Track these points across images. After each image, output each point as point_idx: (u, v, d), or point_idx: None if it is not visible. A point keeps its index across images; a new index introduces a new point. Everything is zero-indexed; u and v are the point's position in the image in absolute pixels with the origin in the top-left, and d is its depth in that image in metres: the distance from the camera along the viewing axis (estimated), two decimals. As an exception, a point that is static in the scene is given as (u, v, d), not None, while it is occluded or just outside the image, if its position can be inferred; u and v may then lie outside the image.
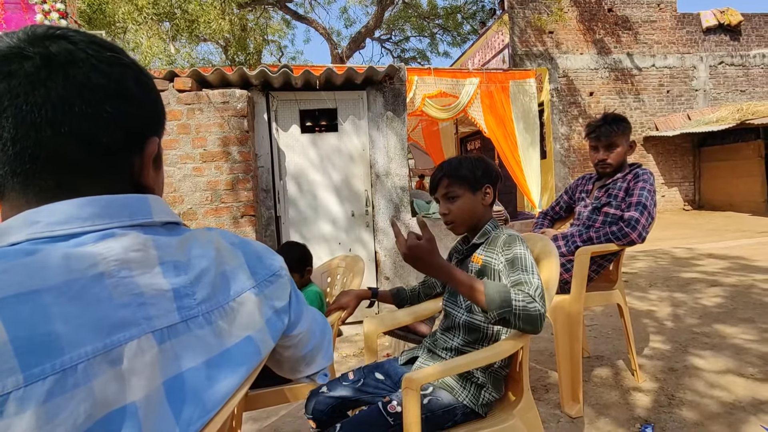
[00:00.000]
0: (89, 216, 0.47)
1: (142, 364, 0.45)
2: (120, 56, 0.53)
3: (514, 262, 1.13)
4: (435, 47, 15.27)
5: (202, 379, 0.52)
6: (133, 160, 0.55)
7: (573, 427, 1.88)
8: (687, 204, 11.03)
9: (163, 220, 0.54)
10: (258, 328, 0.60)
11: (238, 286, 0.59)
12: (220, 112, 3.14)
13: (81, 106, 0.48)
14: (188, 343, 0.51)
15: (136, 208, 0.51)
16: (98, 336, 0.42)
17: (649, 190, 2.04)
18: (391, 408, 1.11)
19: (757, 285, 3.79)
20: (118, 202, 0.50)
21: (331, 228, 3.55)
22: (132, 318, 0.46)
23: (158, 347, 0.47)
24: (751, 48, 11.17)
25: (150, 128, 0.57)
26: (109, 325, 0.43)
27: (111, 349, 0.43)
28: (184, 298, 0.52)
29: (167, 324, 0.49)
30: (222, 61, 11.59)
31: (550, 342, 2.76)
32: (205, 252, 0.57)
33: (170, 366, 0.49)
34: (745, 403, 1.97)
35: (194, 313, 0.52)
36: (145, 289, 0.48)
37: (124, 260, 0.47)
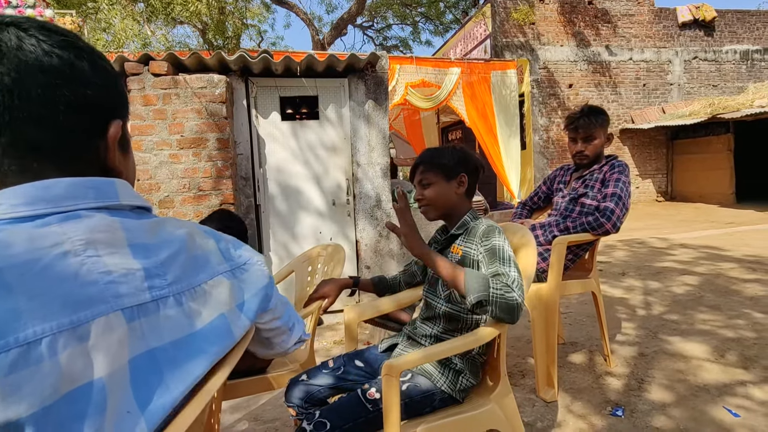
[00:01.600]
0: (53, 197, 0.48)
1: (110, 341, 0.46)
2: (72, 40, 0.53)
3: (493, 254, 1.15)
4: (417, 36, 15.20)
5: (168, 359, 0.52)
6: (97, 144, 0.55)
7: (548, 411, 1.93)
8: (660, 195, 11.35)
9: (132, 204, 0.55)
10: (229, 309, 0.61)
11: (210, 270, 0.60)
12: (198, 98, 3.06)
13: (36, 90, 0.48)
14: (157, 323, 0.51)
15: (103, 191, 0.52)
16: (64, 312, 0.42)
17: (624, 182, 2.09)
18: (370, 395, 1.13)
19: (724, 273, 3.95)
20: (84, 184, 0.51)
21: (312, 217, 3.53)
22: (100, 295, 0.46)
23: (127, 325, 0.48)
24: (724, 44, 11.47)
25: (111, 111, 0.57)
26: (75, 301, 0.44)
27: (78, 325, 0.43)
28: (155, 278, 0.52)
29: (137, 302, 0.49)
30: (199, 44, 11.28)
31: (526, 329, 2.83)
32: (177, 236, 0.57)
33: (138, 344, 0.49)
34: (710, 386, 2.06)
35: (165, 294, 0.53)
36: (113, 267, 0.48)
37: (89, 240, 0.47)
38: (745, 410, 1.84)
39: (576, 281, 2.21)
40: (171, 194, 3.07)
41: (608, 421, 1.83)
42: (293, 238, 3.52)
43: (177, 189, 3.08)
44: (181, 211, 3.09)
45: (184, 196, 3.09)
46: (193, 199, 3.10)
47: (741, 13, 11.59)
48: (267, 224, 3.46)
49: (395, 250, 3.63)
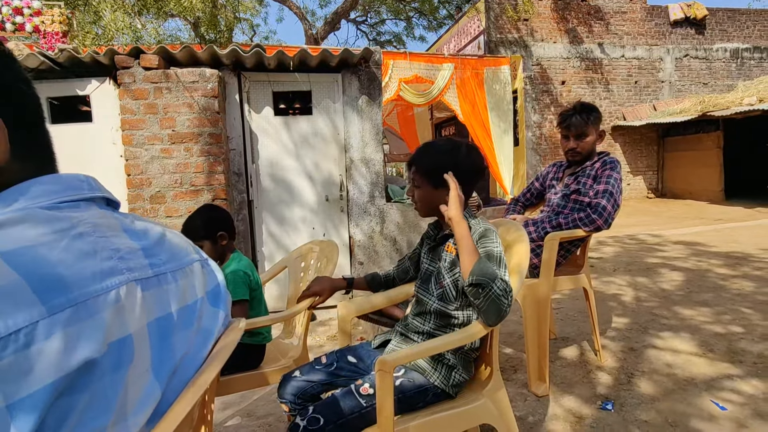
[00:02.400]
0: (59, 190, 0.53)
1: (133, 304, 0.51)
2: None
3: (489, 259, 1.16)
4: (411, 31, 15.12)
5: (171, 327, 0.58)
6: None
7: (539, 406, 1.95)
8: (650, 192, 11.46)
9: (107, 197, 0.60)
10: (202, 296, 0.66)
11: (189, 256, 0.66)
12: (190, 92, 3.03)
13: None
14: (161, 296, 0.57)
15: (93, 185, 0.58)
16: (95, 280, 0.47)
17: (616, 179, 2.11)
18: (363, 390, 1.13)
19: (713, 269, 4.00)
20: (77, 177, 0.57)
21: (305, 212, 3.52)
22: (117, 268, 0.51)
23: (143, 293, 0.53)
24: (715, 42, 11.56)
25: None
26: (100, 272, 0.49)
27: (109, 290, 0.48)
28: (152, 257, 0.57)
29: (144, 276, 0.54)
30: (191, 38, 11.15)
31: (519, 324, 2.85)
32: (155, 225, 0.64)
33: (149, 312, 0.54)
34: (698, 380, 2.09)
35: (163, 270, 0.58)
36: (120, 246, 0.53)
37: (96, 224, 0.53)
38: (732, 403, 1.87)
39: (568, 277, 2.23)
40: (162, 189, 3.05)
41: (598, 415, 1.85)
42: (286, 234, 3.51)
43: (169, 184, 3.05)
44: (173, 206, 3.06)
45: (176, 192, 3.07)
46: (185, 194, 3.08)
47: (732, 12, 11.69)
48: (260, 220, 3.45)
49: (388, 246, 3.64)
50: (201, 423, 1.07)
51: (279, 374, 1.60)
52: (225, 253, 1.79)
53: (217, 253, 1.77)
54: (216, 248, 1.75)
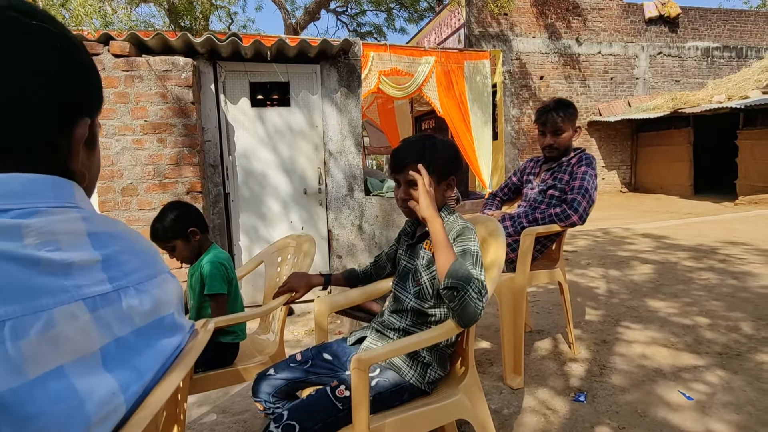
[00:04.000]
0: (9, 194, 0.45)
1: (74, 329, 0.45)
2: (46, 25, 0.48)
3: (465, 257, 1.16)
4: (392, 23, 15.00)
5: (132, 347, 0.52)
6: (58, 143, 0.51)
7: (514, 398, 1.99)
8: (624, 186, 11.75)
9: (85, 208, 0.53)
10: (176, 308, 0.62)
11: (160, 265, 0.61)
12: (162, 81, 2.94)
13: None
14: (120, 313, 0.51)
15: (62, 191, 0.50)
16: (25, 299, 0.42)
17: (591, 175, 2.14)
18: (339, 393, 1.12)
19: (681, 263, 4.13)
20: (43, 182, 0.48)
21: (283, 206, 3.48)
22: (60, 285, 0.45)
23: (90, 314, 0.47)
24: (687, 40, 11.87)
25: (80, 108, 0.52)
26: (35, 289, 0.43)
27: (40, 311, 0.42)
28: (114, 268, 0.51)
29: (99, 293, 0.49)
30: (165, 25, 10.80)
31: (495, 318, 2.89)
32: (127, 229, 0.58)
33: (105, 333, 0.49)
34: (666, 370, 2.16)
35: (124, 284, 0.52)
36: (75, 258, 0.47)
37: (50, 232, 0.46)
38: (698, 393, 1.94)
39: (543, 271, 2.26)
40: (134, 181, 2.96)
41: (571, 407, 1.90)
42: (263, 228, 3.46)
43: (141, 176, 2.96)
44: (146, 198, 2.98)
45: (149, 184, 2.98)
46: (158, 186, 2.99)
47: (704, 11, 12.02)
48: (236, 213, 3.38)
49: (367, 239, 3.63)
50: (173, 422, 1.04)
51: (255, 371, 1.59)
52: (201, 249, 1.75)
53: (193, 251, 1.72)
54: (190, 245, 1.70)
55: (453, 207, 1.37)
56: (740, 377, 2.05)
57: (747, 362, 2.18)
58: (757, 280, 3.48)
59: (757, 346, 2.34)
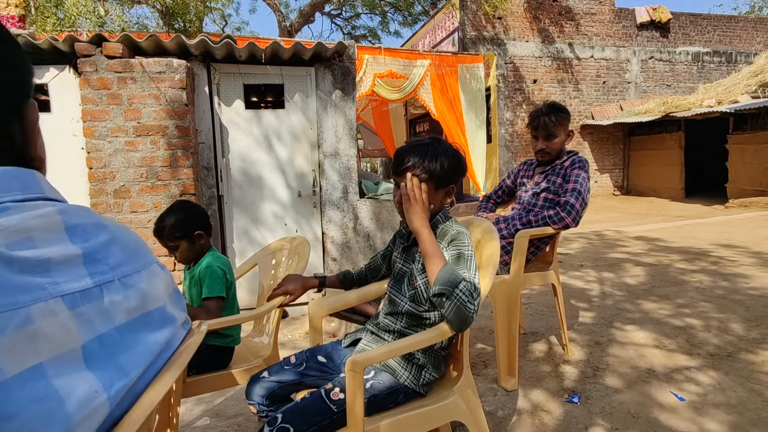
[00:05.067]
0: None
1: (53, 326, 0.44)
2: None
3: (459, 261, 1.16)
4: (386, 26, 15.06)
5: (116, 343, 0.51)
6: (13, 129, 0.50)
7: (509, 400, 1.99)
8: (616, 189, 11.84)
9: (53, 197, 0.52)
10: (166, 300, 0.61)
11: (149, 257, 0.59)
12: (156, 83, 2.92)
13: None
14: (103, 308, 0.50)
15: (28, 182, 0.49)
16: (1, 296, 0.41)
17: (584, 177, 2.16)
18: (334, 395, 1.11)
19: (674, 264, 4.17)
20: (8, 174, 0.47)
21: (277, 208, 3.47)
22: (37, 283, 0.44)
23: (70, 311, 0.46)
24: (678, 45, 12.01)
25: (24, 92, 0.52)
26: (10, 286, 0.42)
27: (16, 308, 0.41)
28: (96, 262, 0.50)
29: (79, 288, 0.47)
30: (159, 26, 10.76)
31: (489, 320, 2.89)
32: (109, 221, 0.56)
33: (86, 329, 0.48)
34: (659, 371, 2.17)
35: (108, 278, 0.51)
36: (52, 254, 0.46)
37: (24, 229, 0.45)
38: (690, 393, 1.96)
39: (537, 273, 2.27)
40: (127, 183, 2.94)
41: (565, 408, 1.90)
42: (257, 230, 3.45)
43: (134, 178, 2.94)
44: (138, 200, 2.96)
45: (142, 186, 2.96)
46: (151, 188, 2.97)
47: (694, 16, 12.17)
48: (230, 215, 3.37)
49: (361, 241, 3.63)
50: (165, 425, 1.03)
51: (249, 374, 1.58)
52: (202, 252, 1.74)
53: (195, 253, 1.71)
54: (194, 247, 1.70)
55: (448, 210, 1.37)
56: (731, 378, 2.07)
57: (738, 363, 2.20)
58: (748, 281, 3.51)
59: (748, 347, 2.36)
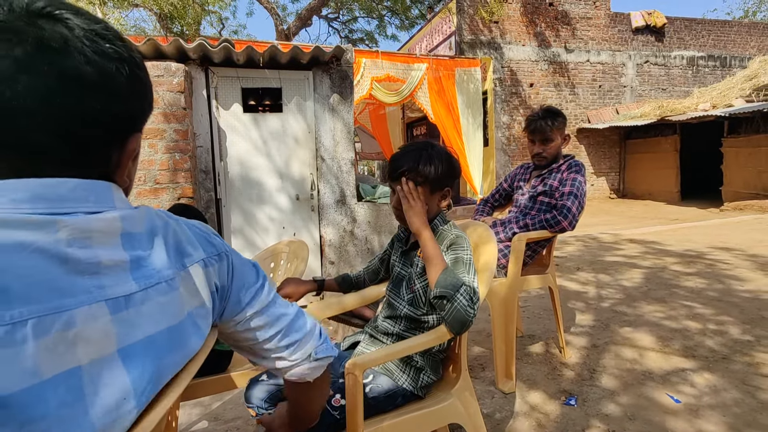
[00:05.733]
0: (56, 197, 0.47)
1: (94, 330, 0.45)
2: (119, 50, 0.50)
3: (457, 265, 1.17)
4: (383, 30, 15.13)
5: (160, 348, 0.52)
6: (111, 154, 0.53)
7: (506, 403, 2.00)
8: (612, 193, 11.90)
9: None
10: (205, 300, 0.61)
11: (191, 257, 0.60)
12: (154, 87, 2.90)
13: (65, 99, 0.46)
14: (147, 312, 0.51)
15: (101, 195, 0.51)
16: (49, 297, 0.42)
17: (581, 181, 2.18)
18: (335, 402, 1.12)
19: (669, 268, 4.20)
20: (86, 187, 0.49)
21: (275, 211, 3.47)
22: (84, 285, 0.45)
23: (112, 316, 0.47)
24: (673, 49, 12.11)
25: (135, 125, 0.55)
26: (59, 288, 0.43)
27: (61, 311, 0.42)
28: (142, 267, 0.51)
29: (123, 293, 0.49)
30: (156, 29, 10.77)
31: (487, 323, 2.90)
32: (161, 221, 0.58)
33: (128, 334, 0.48)
34: (655, 374, 2.19)
35: (154, 281, 0.52)
36: (102, 258, 0.47)
37: (85, 229, 0.47)
38: (686, 396, 1.97)
39: (534, 276, 2.29)
40: (125, 187, 2.93)
41: (562, 411, 1.91)
42: (255, 234, 3.45)
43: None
44: (136, 204, 2.95)
45: (140, 189, 2.96)
46: (149, 192, 2.97)
47: (688, 21, 12.27)
48: (228, 219, 3.37)
49: (359, 245, 3.63)
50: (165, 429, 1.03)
51: (248, 377, 1.58)
52: None
53: None
54: None
55: (445, 213, 1.39)
56: (727, 380, 2.08)
57: (733, 365, 2.22)
58: (743, 284, 3.54)
59: (743, 349, 2.38)
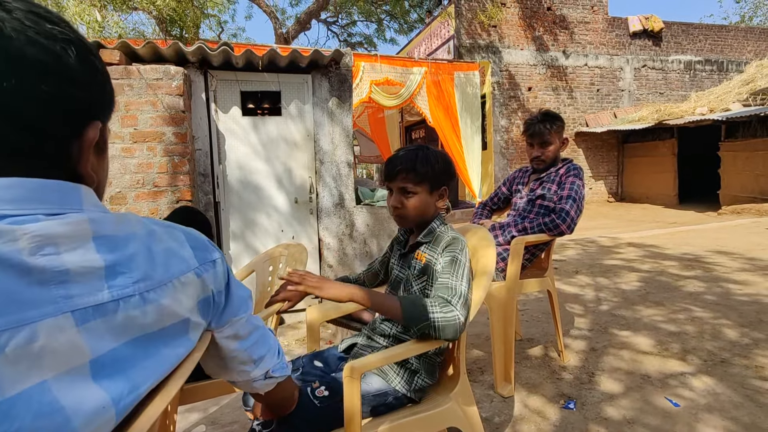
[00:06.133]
0: (13, 199, 0.44)
1: (60, 342, 0.43)
2: (64, 30, 0.48)
3: (450, 266, 1.18)
4: (382, 33, 15.16)
5: (127, 358, 0.50)
6: (70, 145, 0.51)
7: (505, 406, 1.99)
8: (611, 196, 11.92)
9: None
10: (191, 310, 0.59)
11: (180, 266, 0.57)
12: (153, 90, 2.93)
13: (11, 81, 0.44)
14: (117, 323, 0.49)
15: (68, 196, 0.49)
16: (9, 311, 0.40)
17: (579, 185, 2.18)
18: (319, 393, 1.12)
19: (667, 271, 4.20)
20: (49, 188, 0.47)
21: (274, 215, 3.47)
22: (48, 296, 0.43)
23: (78, 327, 0.45)
24: (670, 54, 12.17)
25: (92, 112, 0.53)
26: (20, 301, 0.41)
27: (23, 325, 0.41)
28: (119, 275, 0.49)
29: (93, 303, 0.47)
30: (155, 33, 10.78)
31: (485, 326, 2.90)
32: (145, 228, 0.55)
33: (98, 344, 0.47)
34: (654, 377, 2.19)
35: (129, 292, 0.50)
36: (71, 266, 0.45)
37: (49, 235, 0.44)
38: (684, 399, 1.97)
39: (533, 280, 2.29)
40: (123, 190, 2.93)
41: (561, 414, 1.91)
42: (254, 237, 3.45)
43: (130, 184, 2.94)
44: (134, 207, 2.95)
45: (138, 192, 2.96)
46: (148, 195, 2.97)
47: (686, 26, 12.34)
48: (226, 222, 3.37)
49: (358, 248, 3.63)
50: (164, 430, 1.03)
51: (245, 381, 1.57)
52: None
53: None
54: None
55: (444, 216, 1.39)
56: (726, 383, 2.08)
57: (732, 368, 2.22)
58: (741, 287, 3.55)
59: (741, 353, 2.38)
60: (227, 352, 0.71)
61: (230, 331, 0.69)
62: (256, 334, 0.74)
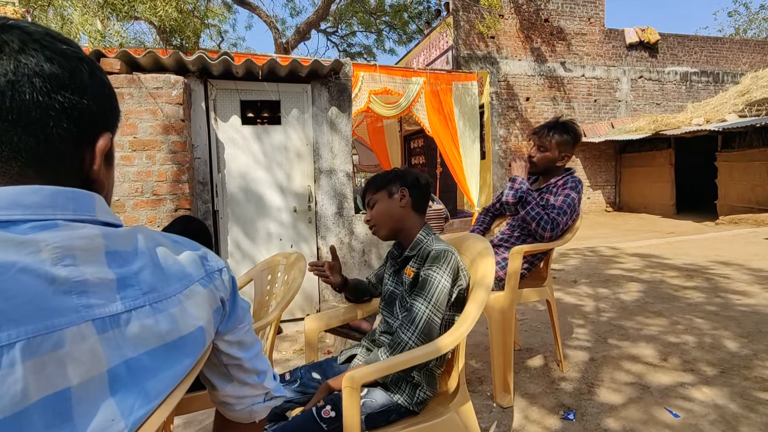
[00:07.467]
0: (31, 205, 0.47)
1: (82, 350, 0.45)
2: (75, 50, 0.54)
3: (423, 284, 1.21)
4: (381, 44, 15.28)
5: (146, 368, 0.51)
6: (83, 154, 0.55)
7: (504, 417, 1.98)
8: (609, 206, 11.95)
9: (105, 221, 0.54)
10: (206, 319, 0.61)
11: (186, 278, 0.59)
12: (153, 98, 2.94)
13: (31, 94, 0.48)
14: (132, 333, 0.50)
15: (82, 203, 0.52)
16: (38, 318, 0.42)
17: (573, 198, 2.19)
18: (325, 413, 1.11)
19: (667, 281, 4.20)
20: (65, 195, 0.50)
21: (273, 224, 3.47)
22: (72, 305, 0.45)
23: (99, 336, 0.47)
24: (666, 65, 12.29)
25: (103, 123, 0.57)
26: (48, 308, 0.43)
27: (51, 331, 0.43)
28: (129, 288, 0.51)
29: (109, 313, 0.49)
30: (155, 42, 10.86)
31: (484, 336, 2.89)
32: (152, 243, 0.57)
33: (114, 354, 0.48)
34: (654, 388, 2.18)
35: (140, 303, 0.52)
36: (89, 277, 0.48)
37: (68, 247, 0.47)
38: (685, 411, 1.96)
39: (532, 289, 2.28)
40: (122, 198, 2.93)
41: (561, 425, 1.89)
42: (253, 246, 3.44)
43: (129, 193, 2.94)
44: (133, 215, 2.95)
45: (137, 200, 2.95)
46: (147, 203, 2.97)
47: (681, 38, 12.48)
48: (225, 231, 3.36)
49: (356, 257, 3.63)
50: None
51: (242, 391, 1.56)
52: None
53: None
54: None
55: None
56: (725, 394, 2.07)
57: (732, 379, 2.21)
58: (740, 298, 3.54)
59: (741, 363, 2.38)
60: (230, 360, 0.70)
61: (235, 338, 0.69)
62: (258, 346, 0.74)
